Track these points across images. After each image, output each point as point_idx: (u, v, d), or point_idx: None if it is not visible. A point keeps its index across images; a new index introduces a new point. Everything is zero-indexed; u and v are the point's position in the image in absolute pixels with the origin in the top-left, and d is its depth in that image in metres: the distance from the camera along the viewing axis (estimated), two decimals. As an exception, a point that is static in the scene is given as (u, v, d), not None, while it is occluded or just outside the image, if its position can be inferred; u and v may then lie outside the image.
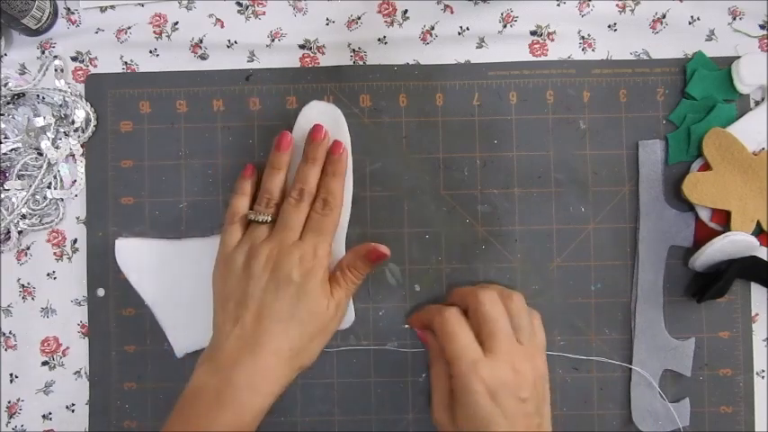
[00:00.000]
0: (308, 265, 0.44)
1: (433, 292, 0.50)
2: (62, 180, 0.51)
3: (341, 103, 0.50)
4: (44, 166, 0.50)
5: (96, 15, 0.51)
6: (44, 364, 0.51)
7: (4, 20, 0.47)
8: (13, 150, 0.50)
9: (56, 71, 0.51)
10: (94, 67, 0.51)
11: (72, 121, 0.50)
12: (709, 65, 0.50)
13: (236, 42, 0.51)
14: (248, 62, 0.51)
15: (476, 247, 0.50)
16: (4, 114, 0.50)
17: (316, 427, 0.50)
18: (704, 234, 0.49)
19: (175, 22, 0.51)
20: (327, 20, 0.51)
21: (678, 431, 0.49)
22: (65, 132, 0.50)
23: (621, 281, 0.50)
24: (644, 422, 0.49)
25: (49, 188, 0.50)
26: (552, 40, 0.51)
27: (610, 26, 0.51)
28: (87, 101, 0.50)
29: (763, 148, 0.49)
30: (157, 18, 0.51)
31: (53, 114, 0.50)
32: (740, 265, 0.47)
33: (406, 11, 0.51)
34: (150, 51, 0.51)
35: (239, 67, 0.51)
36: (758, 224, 0.48)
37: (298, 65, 0.51)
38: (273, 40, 0.51)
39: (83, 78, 0.51)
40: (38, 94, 0.50)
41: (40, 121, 0.50)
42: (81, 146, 0.51)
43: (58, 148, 0.50)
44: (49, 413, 0.50)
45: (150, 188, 0.51)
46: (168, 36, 0.51)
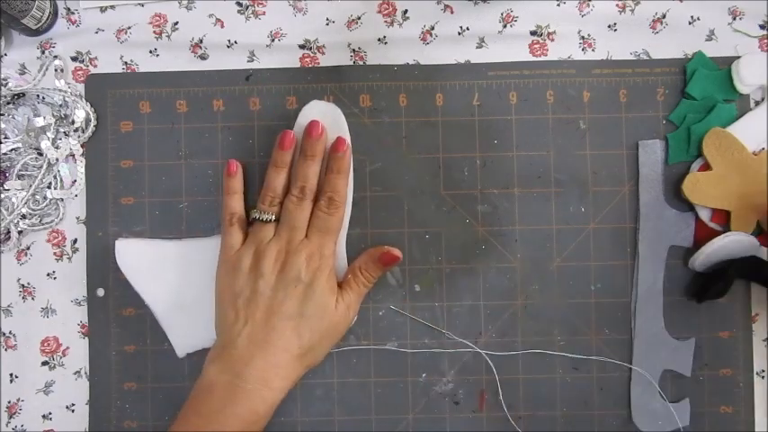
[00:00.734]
0: (315, 265, 0.45)
1: (433, 292, 0.50)
2: (62, 180, 0.51)
3: (341, 103, 0.50)
4: (44, 166, 0.50)
5: (96, 15, 0.51)
6: (44, 364, 0.51)
7: (4, 20, 0.47)
8: (13, 150, 0.50)
9: (56, 71, 0.51)
10: (94, 67, 0.51)
11: (72, 121, 0.50)
12: (709, 65, 0.50)
13: (236, 42, 0.51)
14: (248, 62, 0.51)
15: (476, 247, 0.50)
16: (4, 114, 0.50)
17: (316, 427, 0.50)
18: (704, 234, 0.49)
19: (175, 22, 0.51)
20: (327, 20, 0.51)
21: (678, 431, 0.49)
22: (65, 132, 0.50)
23: (621, 281, 0.50)
24: (644, 422, 0.49)
25: (49, 188, 0.50)
26: (552, 40, 0.51)
27: (610, 26, 0.51)
28: (87, 101, 0.50)
29: (763, 148, 0.49)
30: (157, 18, 0.51)
31: (53, 114, 0.50)
32: (740, 266, 0.47)
33: (406, 11, 0.51)
34: (150, 51, 0.51)
35: (239, 67, 0.51)
36: (758, 224, 0.48)
37: (298, 65, 0.51)
38: (273, 40, 0.51)
39: (83, 78, 0.51)
40: (38, 94, 0.50)
41: (40, 121, 0.50)
42: (81, 146, 0.51)
43: (58, 148, 0.50)
44: (49, 413, 0.50)
45: (150, 188, 0.51)
46: (168, 36, 0.51)
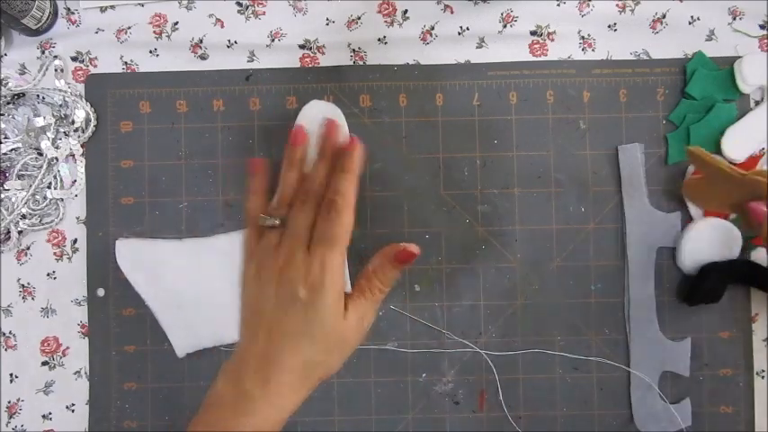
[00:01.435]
0: (314, 280, 0.40)
1: (433, 292, 0.50)
2: (62, 180, 0.51)
3: (341, 103, 0.50)
4: (44, 166, 0.50)
5: (96, 15, 0.51)
6: (44, 364, 0.50)
7: (4, 20, 0.47)
8: (13, 150, 0.50)
9: (56, 71, 0.51)
10: (94, 67, 0.51)
11: (72, 121, 0.50)
12: (709, 65, 0.50)
13: (236, 42, 0.51)
14: (248, 62, 0.51)
15: (476, 247, 0.50)
16: (4, 114, 0.50)
17: (316, 427, 0.50)
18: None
19: (175, 22, 0.51)
20: (327, 20, 0.51)
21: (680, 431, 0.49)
22: (65, 132, 0.50)
23: (621, 281, 0.50)
24: (646, 425, 0.49)
25: (49, 188, 0.50)
26: (552, 40, 0.51)
27: (610, 26, 0.51)
28: (87, 101, 0.50)
29: (763, 148, 0.49)
30: (157, 18, 0.51)
31: (53, 114, 0.50)
32: (727, 268, 0.48)
33: (406, 11, 0.51)
34: (150, 51, 0.51)
35: (239, 67, 0.51)
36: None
37: (298, 65, 0.51)
38: (273, 40, 0.51)
39: (83, 78, 0.51)
40: (38, 94, 0.50)
41: (40, 121, 0.50)
42: (81, 146, 0.51)
43: (58, 148, 0.50)
44: (49, 413, 0.50)
45: (150, 188, 0.51)
46: (168, 36, 0.51)
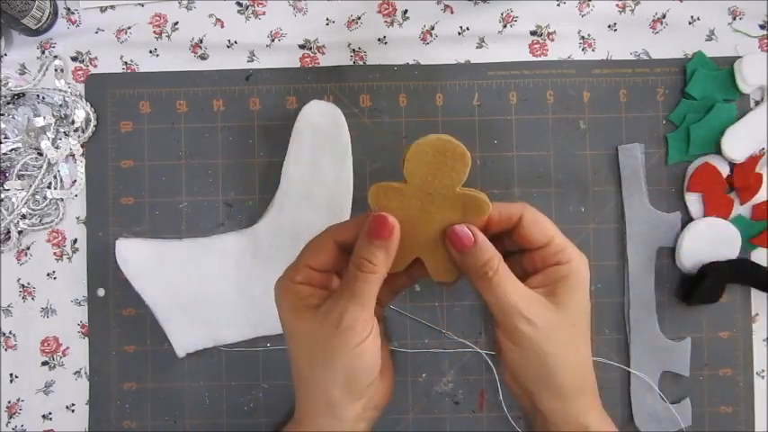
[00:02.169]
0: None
1: (433, 292, 0.50)
2: (62, 180, 0.51)
3: (341, 103, 0.50)
4: (44, 166, 0.50)
5: (96, 15, 0.51)
6: (44, 364, 0.50)
7: (4, 20, 0.47)
8: (13, 150, 0.50)
9: (56, 71, 0.50)
10: (94, 67, 0.51)
11: (72, 121, 0.50)
12: (709, 65, 0.50)
13: (236, 42, 0.51)
14: (248, 62, 0.51)
15: (476, 247, 0.50)
16: (4, 114, 0.50)
17: (316, 427, 0.50)
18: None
19: (175, 22, 0.51)
20: (327, 20, 0.51)
21: (681, 431, 0.49)
22: (65, 132, 0.50)
23: (621, 281, 0.50)
24: (646, 424, 0.49)
25: (49, 188, 0.50)
26: (552, 40, 0.51)
27: (610, 26, 0.51)
28: (87, 101, 0.50)
29: (762, 148, 0.49)
30: (157, 18, 0.51)
31: (53, 114, 0.50)
32: (731, 269, 0.48)
33: (406, 11, 0.51)
34: (150, 51, 0.51)
35: (239, 67, 0.51)
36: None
37: (298, 65, 0.51)
38: (273, 40, 0.51)
39: (83, 78, 0.51)
40: (38, 94, 0.50)
41: (40, 121, 0.50)
42: (81, 146, 0.51)
43: (58, 148, 0.50)
44: (49, 413, 0.50)
45: (150, 188, 0.50)
46: (168, 36, 0.51)
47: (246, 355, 0.50)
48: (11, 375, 0.50)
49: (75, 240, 0.51)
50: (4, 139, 0.50)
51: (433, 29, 0.51)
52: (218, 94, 0.51)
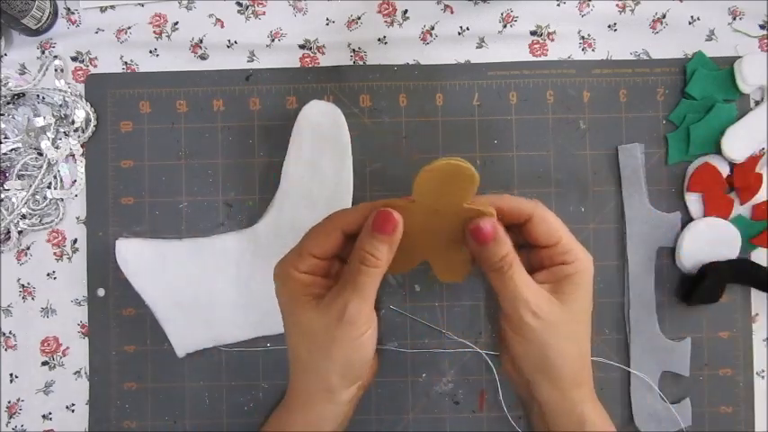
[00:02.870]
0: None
1: (433, 292, 0.50)
2: (62, 180, 0.51)
3: (341, 103, 0.50)
4: (44, 166, 0.50)
5: (96, 15, 0.51)
6: (44, 364, 0.50)
7: (4, 20, 0.47)
8: (13, 150, 0.50)
9: (56, 71, 0.50)
10: (94, 67, 0.51)
11: (72, 121, 0.50)
12: (710, 65, 0.50)
13: (236, 42, 0.51)
14: (248, 62, 0.51)
15: (476, 247, 0.50)
16: (4, 114, 0.50)
17: (316, 427, 0.50)
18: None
19: (175, 22, 0.51)
20: (327, 20, 0.51)
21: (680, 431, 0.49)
22: (65, 132, 0.50)
23: (621, 281, 0.50)
24: (646, 424, 0.49)
25: (49, 188, 0.50)
26: (552, 40, 0.51)
27: (610, 26, 0.51)
28: (87, 101, 0.50)
29: (762, 148, 0.49)
30: (157, 18, 0.51)
31: (53, 114, 0.50)
32: (731, 269, 0.48)
33: (406, 11, 0.51)
34: (150, 51, 0.51)
35: (239, 67, 0.51)
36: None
37: (298, 65, 0.51)
38: (273, 40, 0.51)
39: (83, 78, 0.51)
40: (38, 94, 0.50)
41: (40, 121, 0.50)
42: (81, 146, 0.51)
43: (58, 148, 0.50)
44: (49, 413, 0.50)
45: (150, 188, 0.50)
46: (168, 36, 0.51)
47: (246, 355, 0.50)
48: (11, 375, 0.50)
49: (75, 240, 0.51)
50: (4, 139, 0.50)
51: (433, 29, 0.51)
52: (218, 94, 0.51)
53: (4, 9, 0.46)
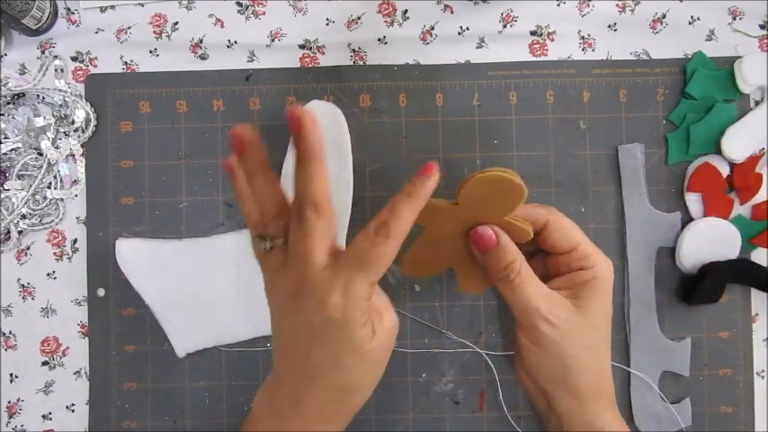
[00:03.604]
0: (333, 313, 0.34)
1: (433, 292, 0.50)
2: (62, 180, 0.51)
3: (341, 103, 0.50)
4: (44, 166, 0.50)
5: (96, 15, 0.51)
6: (44, 364, 0.50)
7: (4, 20, 0.47)
8: (13, 150, 0.50)
9: (56, 71, 0.50)
10: (94, 67, 0.51)
11: (72, 121, 0.50)
12: (710, 65, 0.50)
13: (236, 42, 0.51)
14: (248, 62, 0.51)
15: (476, 247, 0.50)
16: (4, 114, 0.50)
17: (316, 427, 0.50)
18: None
19: (175, 22, 0.51)
20: (327, 20, 0.51)
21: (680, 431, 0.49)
22: (65, 132, 0.50)
23: (621, 281, 0.50)
24: (646, 424, 0.49)
25: (49, 188, 0.50)
26: (552, 40, 0.51)
27: (610, 26, 0.51)
28: (87, 101, 0.50)
29: (762, 148, 0.49)
30: (157, 18, 0.51)
31: (53, 114, 0.50)
32: (732, 269, 0.48)
33: (406, 11, 0.51)
34: (150, 51, 0.51)
35: (239, 67, 0.51)
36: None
37: (298, 65, 0.51)
38: (273, 40, 0.51)
39: (83, 78, 0.51)
40: (38, 94, 0.50)
41: (40, 121, 0.50)
42: (81, 146, 0.51)
43: (57, 148, 0.50)
44: (49, 413, 0.50)
45: (150, 188, 0.50)
46: (168, 36, 0.51)
47: (246, 355, 0.50)
48: (11, 375, 0.50)
49: (75, 240, 0.51)
50: (4, 139, 0.50)
51: (433, 29, 0.51)
52: (218, 94, 0.51)
53: (4, 9, 0.46)
